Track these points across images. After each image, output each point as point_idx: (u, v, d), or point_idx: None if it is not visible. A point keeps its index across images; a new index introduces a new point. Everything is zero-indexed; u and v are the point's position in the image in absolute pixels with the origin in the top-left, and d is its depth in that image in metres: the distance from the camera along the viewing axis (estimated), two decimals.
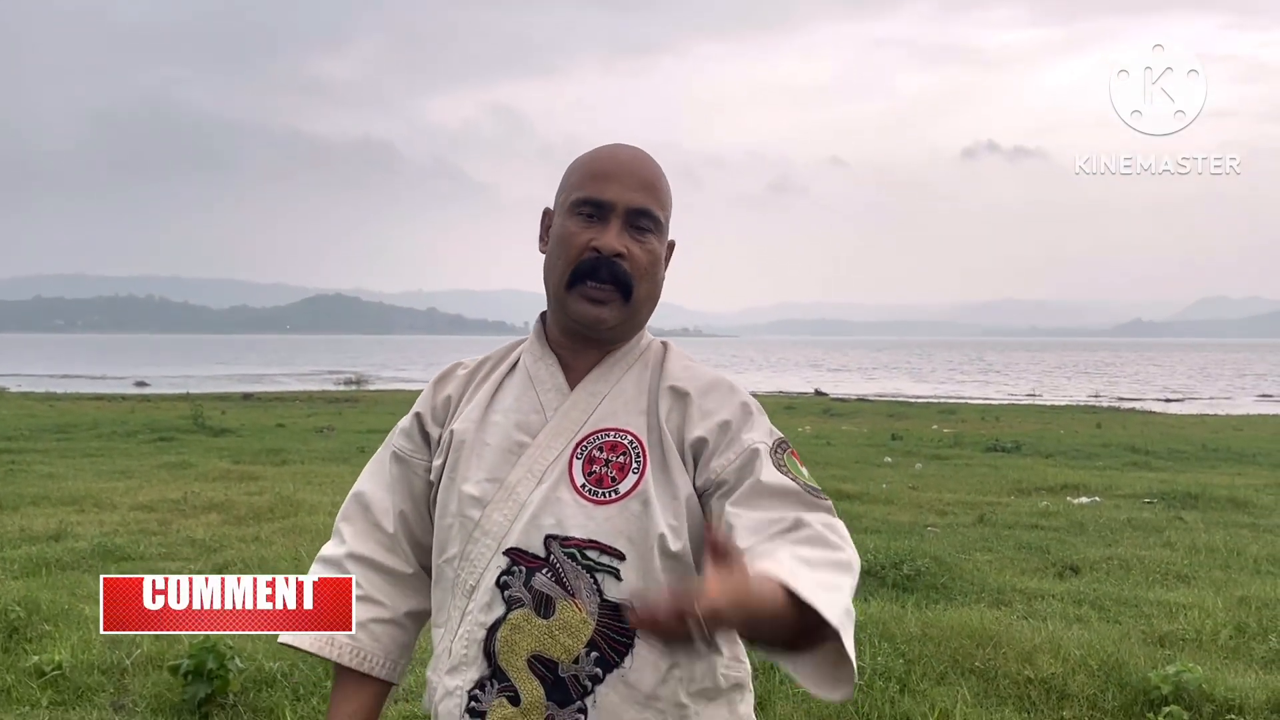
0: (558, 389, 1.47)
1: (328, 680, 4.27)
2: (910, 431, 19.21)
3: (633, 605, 1.23)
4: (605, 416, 1.44)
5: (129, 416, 20.90)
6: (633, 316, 1.46)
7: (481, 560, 1.40)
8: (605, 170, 1.43)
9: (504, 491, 1.41)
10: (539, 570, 1.38)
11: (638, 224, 1.42)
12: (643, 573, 1.36)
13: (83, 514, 8.37)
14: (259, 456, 13.15)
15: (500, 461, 1.43)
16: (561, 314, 1.47)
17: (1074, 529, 8.21)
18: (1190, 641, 4.97)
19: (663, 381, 1.47)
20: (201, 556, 6.72)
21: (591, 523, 1.38)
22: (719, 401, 1.43)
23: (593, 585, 1.37)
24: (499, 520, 1.40)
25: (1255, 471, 12.97)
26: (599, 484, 1.40)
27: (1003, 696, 4.18)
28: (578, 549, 1.37)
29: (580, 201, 1.42)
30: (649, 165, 1.46)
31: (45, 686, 4.21)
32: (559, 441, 1.43)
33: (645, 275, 1.43)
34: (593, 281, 1.41)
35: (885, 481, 11.19)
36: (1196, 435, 19.20)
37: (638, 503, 1.38)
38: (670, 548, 1.37)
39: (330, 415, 23.01)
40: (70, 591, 5.67)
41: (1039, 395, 42.35)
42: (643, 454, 1.41)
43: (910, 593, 5.84)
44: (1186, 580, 6.43)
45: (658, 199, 1.44)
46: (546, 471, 1.41)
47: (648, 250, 1.43)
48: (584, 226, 1.41)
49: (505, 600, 1.38)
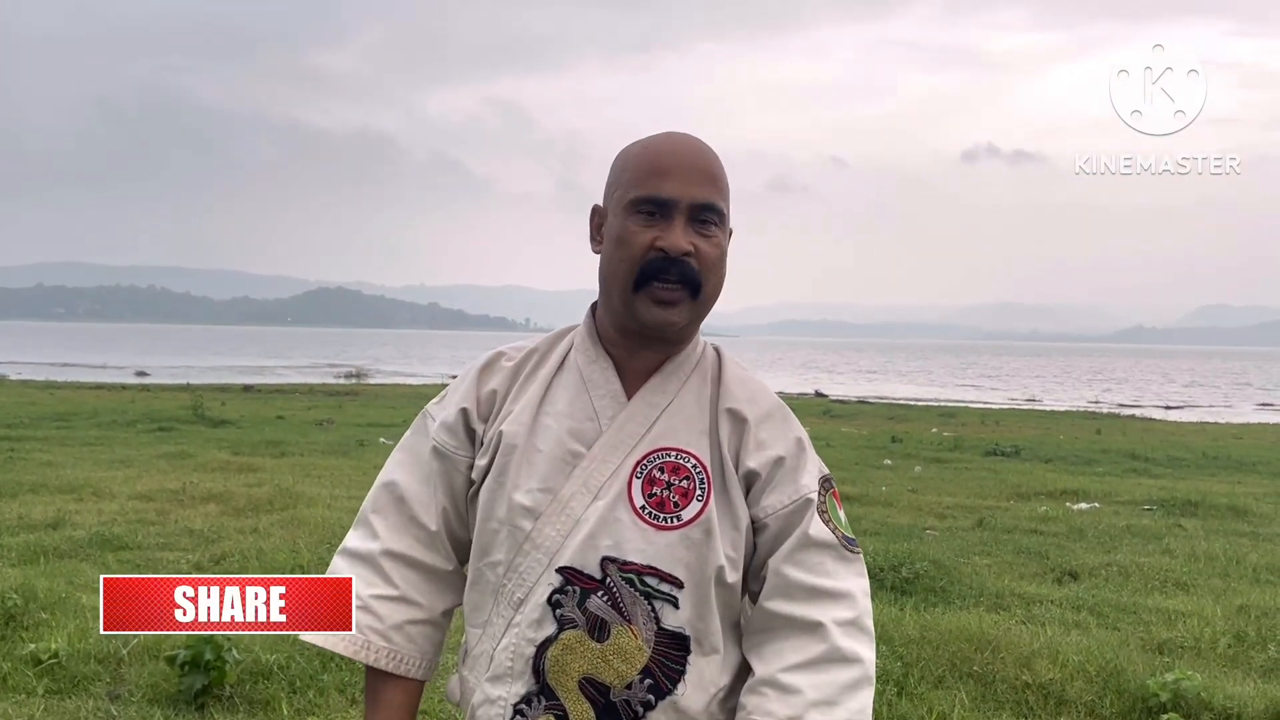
0: (613, 396, 1.41)
1: (324, 673, 4.27)
2: (910, 434, 19.21)
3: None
4: (665, 433, 1.40)
5: (129, 406, 20.89)
6: (700, 313, 1.40)
7: (531, 574, 1.36)
8: (664, 165, 1.36)
9: (557, 504, 1.37)
10: (594, 593, 1.34)
11: (702, 218, 1.36)
12: (697, 601, 1.36)
13: (81, 503, 8.37)
14: (258, 448, 13.14)
15: (553, 471, 1.38)
16: (625, 316, 1.40)
17: (1073, 535, 8.20)
18: (1189, 649, 4.96)
19: (722, 401, 1.43)
20: (200, 547, 6.71)
21: (651, 548, 1.34)
22: (774, 433, 1.41)
23: (650, 612, 1.34)
24: (552, 535, 1.36)
25: (1255, 480, 12.96)
26: (660, 508, 1.36)
27: (1001, 701, 4.18)
28: (636, 574, 1.34)
29: (640, 200, 1.35)
30: (708, 155, 1.39)
31: (41, 675, 4.20)
32: (616, 455, 1.38)
33: (713, 271, 1.38)
34: (660, 283, 1.35)
35: (885, 484, 11.18)
36: (1196, 443, 19.20)
37: (700, 531, 1.36)
38: (727, 579, 1.37)
39: (330, 408, 23.00)
40: (68, 580, 5.66)
41: (1039, 400, 42.34)
42: (707, 480, 1.38)
43: (909, 595, 5.83)
44: (1185, 588, 6.42)
45: (720, 191, 1.38)
46: (603, 488, 1.37)
47: (714, 244, 1.37)
48: (645, 225, 1.35)
49: (557, 619, 1.35)
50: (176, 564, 6.19)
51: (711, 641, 1.36)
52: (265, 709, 3.98)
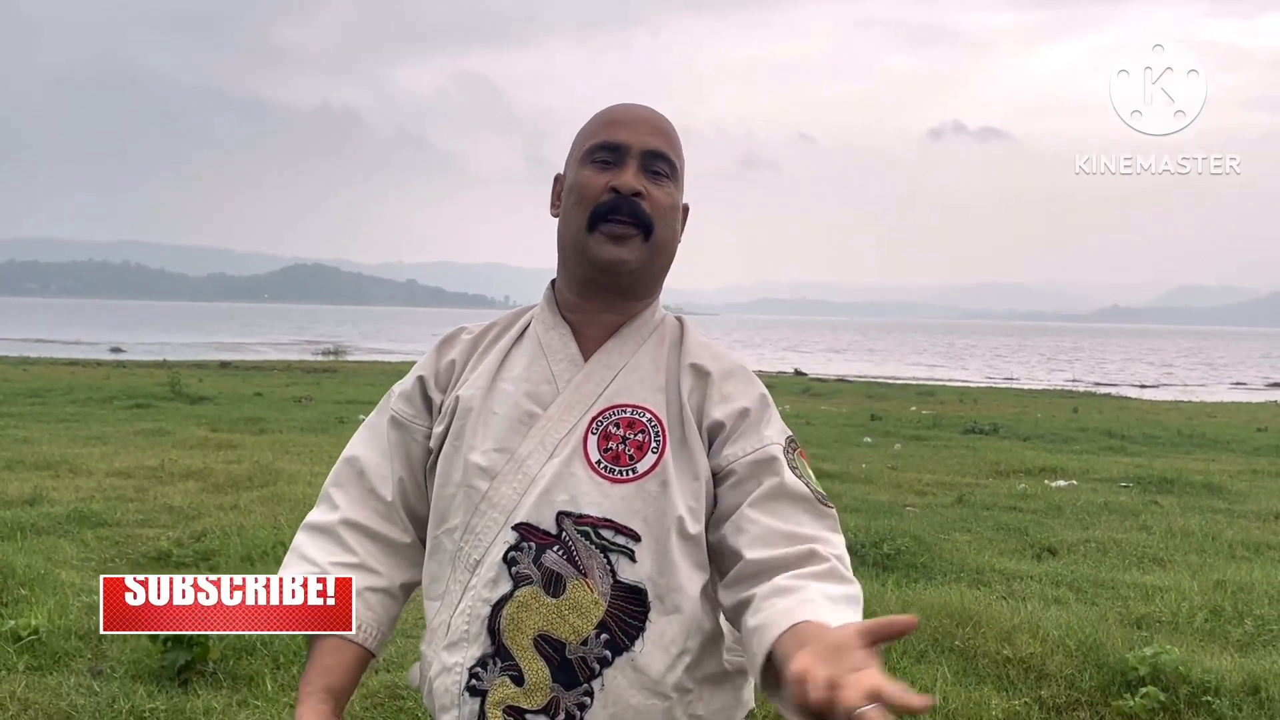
0: (570, 359, 1.43)
1: (308, 649, 4.25)
2: (889, 412, 19.30)
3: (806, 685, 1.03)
4: (621, 391, 1.40)
5: (104, 382, 20.69)
6: (653, 260, 1.42)
7: (488, 534, 1.35)
8: (618, 118, 1.43)
9: (513, 464, 1.37)
10: (549, 547, 1.33)
11: (654, 167, 1.40)
12: (658, 555, 1.33)
13: (58, 479, 8.29)
14: (237, 425, 13.05)
15: (509, 431, 1.39)
16: (579, 264, 1.42)
17: (1051, 511, 8.28)
18: (1166, 624, 5.03)
19: (684, 358, 1.44)
20: (179, 524, 6.67)
21: (607, 501, 1.34)
22: (738, 388, 1.42)
23: (606, 565, 1.33)
24: (507, 493, 1.36)
25: (1229, 457, 13.11)
26: (616, 461, 1.36)
27: (982, 675, 4.22)
28: (592, 528, 1.33)
29: (595, 148, 1.41)
30: (661, 117, 1.46)
31: (22, 651, 4.17)
32: (572, 414, 1.39)
33: (664, 217, 1.41)
34: (613, 219, 1.38)
35: (865, 461, 11.24)
36: (1171, 421, 19.40)
37: (656, 483, 1.35)
38: (689, 530, 1.35)
39: (309, 385, 22.86)
40: (46, 557, 5.61)
41: (1016, 379, 42.65)
42: (662, 433, 1.38)
43: (890, 571, 5.87)
44: (1163, 564, 6.50)
45: (671, 146, 1.43)
46: (559, 445, 1.37)
47: (666, 193, 1.41)
48: (600, 171, 1.40)
49: (512, 577, 1.33)
50: (156, 540, 6.15)
51: (674, 600, 1.33)
52: (249, 684, 3.97)
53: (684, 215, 1.49)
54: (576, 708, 1.31)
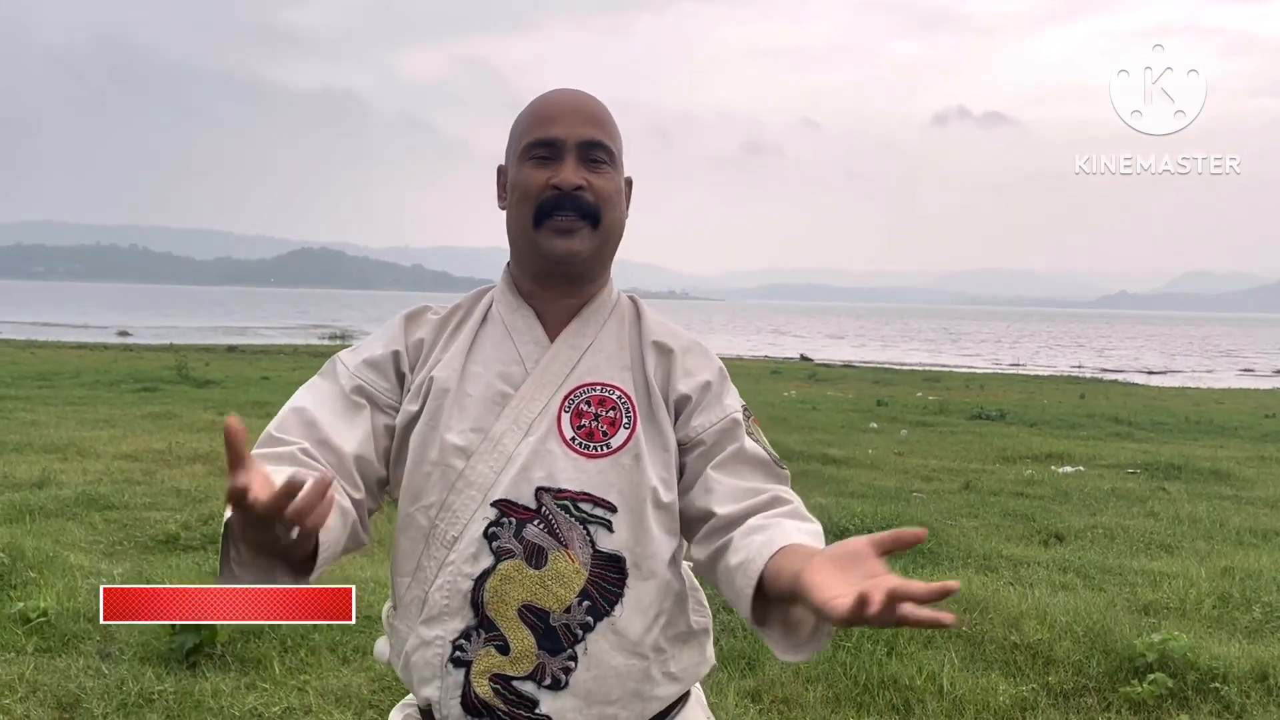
0: (536, 341, 1.48)
1: (315, 632, 4.26)
2: (895, 398, 19.28)
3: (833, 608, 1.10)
4: (589, 370, 1.46)
5: (111, 366, 20.74)
6: (603, 246, 1.47)
7: (465, 511, 1.39)
8: (549, 112, 1.45)
9: (489, 443, 1.41)
10: (530, 522, 1.38)
11: (591, 157, 1.44)
12: (634, 524, 1.40)
13: (66, 462, 8.31)
14: (244, 409, 13.06)
15: (484, 412, 1.43)
16: (532, 258, 1.47)
17: (1059, 497, 8.27)
18: (1174, 610, 5.01)
19: (645, 336, 1.51)
20: (187, 507, 6.68)
21: (583, 475, 1.40)
22: (698, 362, 1.50)
23: (585, 536, 1.39)
24: (484, 471, 1.40)
25: (1236, 444, 13.07)
26: (589, 438, 1.42)
27: (990, 661, 4.21)
28: (571, 501, 1.39)
29: (531, 145, 1.44)
30: (592, 102, 1.48)
31: (31, 633, 4.18)
32: (543, 393, 1.44)
33: (609, 203, 1.45)
34: (558, 214, 1.42)
35: (871, 447, 11.22)
36: (1178, 407, 19.35)
37: (629, 457, 1.42)
38: (662, 499, 1.42)
39: (315, 369, 22.82)
40: (55, 539, 5.63)
41: (1022, 365, 42.57)
42: (633, 409, 1.45)
43: (897, 557, 5.86)
44: (1170, 550, 6.48)
45: (607, 131, 1.46)
46: (533, 424, 1.42)
47: (607, 179, 1.45)
48: (539, 168, 1.43)
49: (493, 551, 1.38)
50: (164, 523, 6.16)
51: (650, 565, 1.41)
52: (257, 667, 3.97)
53: (628, 189, 1.52)
54: (562, 671, 1.37)
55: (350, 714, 3.60)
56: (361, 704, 3.67)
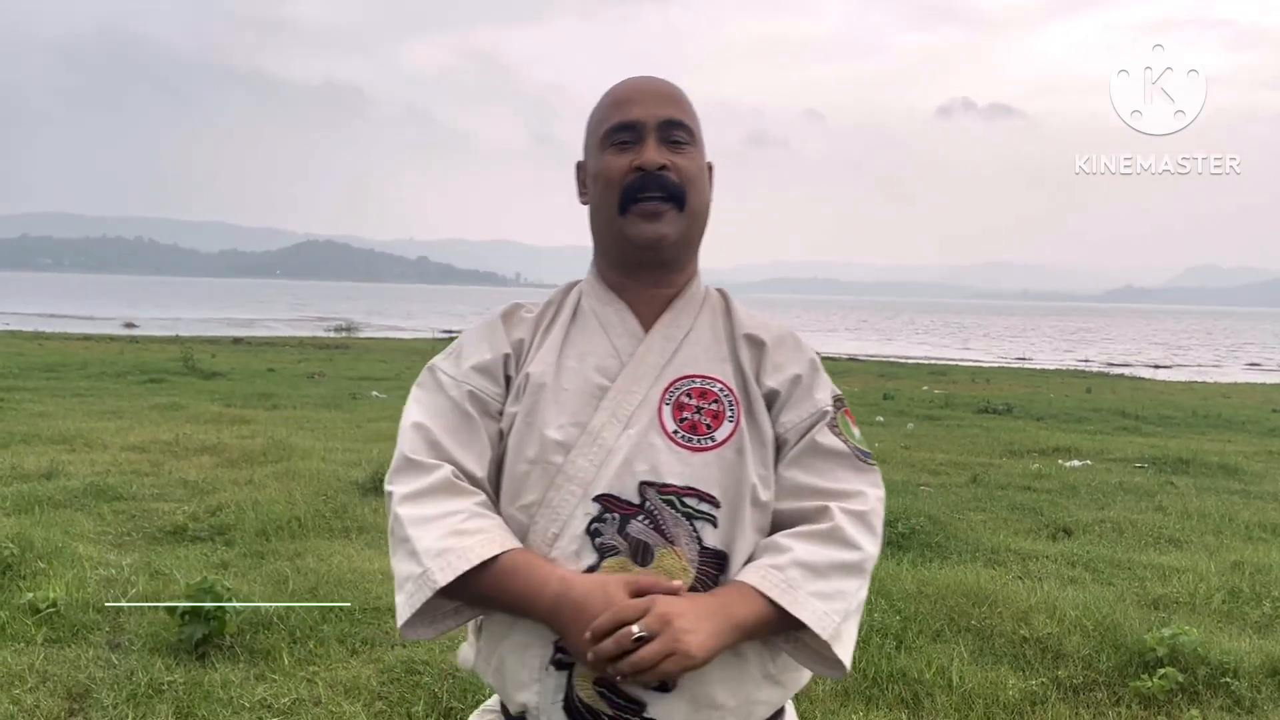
0: (630, 333, 1.45)
1: (324, 624, 4.27)
2: (901, 391, 19.24)
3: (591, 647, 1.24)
4: (687, 362, 1.43)
5: (118, 357, 20.78)
6: (690, 229, 1.44)
7: (566, 507, 1.35)
8: (627, 96, 1.43)
9: (587, 436, 1.37)
10: (634, 517, 1.34)
11: (672, 137, 1.41)
12: (733, 521, 1.37)
13: (74, 453, 8.32)
14: (250, 400, 13.09)
15: (581, 405, 1.39)
16: (619, 246, 1.44)
17: (1066, 491, 8.24)
18: (1184, 605, 5.00)
19: (737, 329, 1.48)
20: (194, 498, 6.69)
21: (688, 469, 1.36)
22: (789, 355, 1.48)
23: (691, 532, 1.35)
24: (584, 466, 1.36)
25: (1244, 438, 13.04)
26: (693, 430, 1.38)
27: (999, 655, 4.20)
28: (676, 496, 1.35)
29: (610, 131, 1.42)
30: (668, 84, 1.46)
31: (40, 624, 4.18)
32: (640, 385, 1.41)
33: (694, 183, 1.42)
34: (644, 197, 1.39)
35: (878, 440, 11.20)
36: (1186, 402, 19.29)
37: (732, 451, 1.38)
38: (760, 497, 1.39)
39: (321, 361, 22.93)
40: (64, 530, 5.64)
41: (1029, 359, 42.47)
42: (735, 402, 1.42)
43: (906, 550, 5.85)
44: (1179, 544, 6.46)
45: (686, 112, 1.44)
46: (633, 417, 1.38)
47: (690, 159, 1.42)
48: (620, 153, 1.41)
49: (596, 548, 1.34)
50: (172, 515, 6.17)
51: (743, 560, 1.37)
52: (266, 659, 3.97)
53: (710, 174, 1.50)
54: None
55: (359, 705, 3.60)
56: (371, 695, 3.67)
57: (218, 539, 5.77)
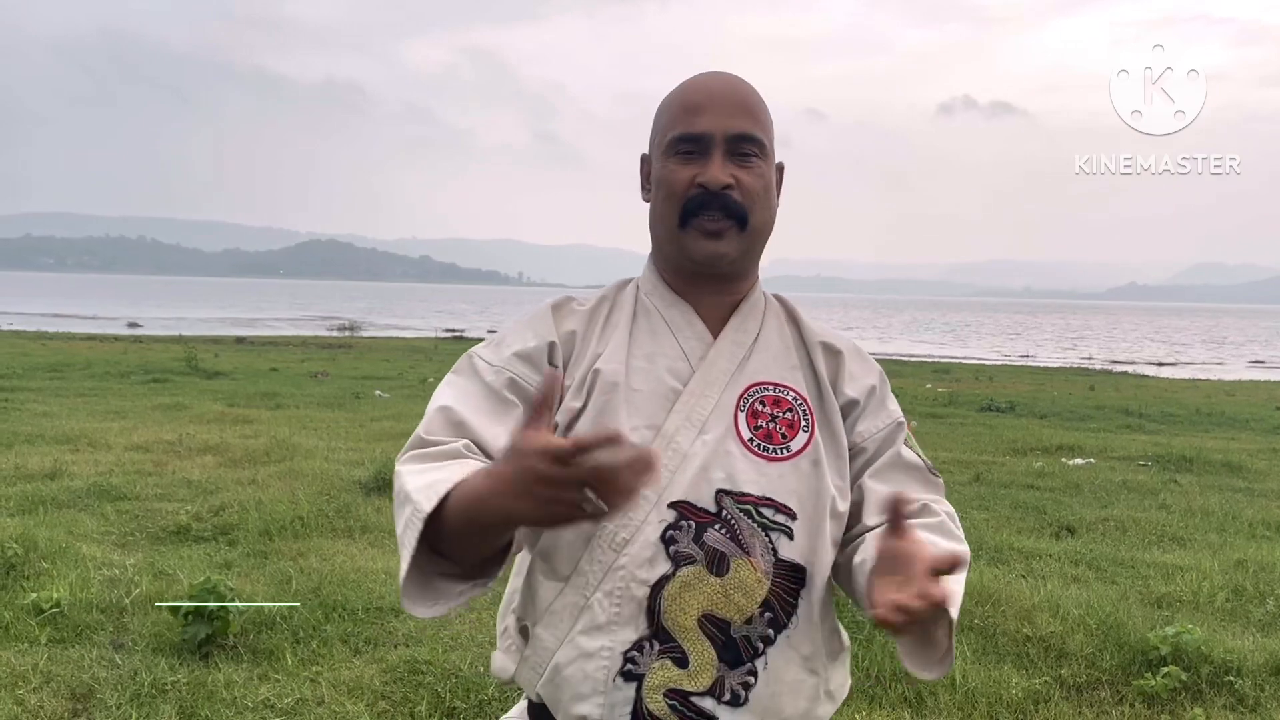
0: (698, 336, 1.41)
1: (327, 623, 4.27)
2: (904, 389, 19.22)
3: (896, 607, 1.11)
4: (759, 369, 1.40)
5: (122, 357, 20.79)
6: (752, 247, 1.40)
7: (639, 512, 1.30)
8: (696, 102, 1.37)
9: (662, 440, 1.33)
10: (710, 526, 1.31)
11: (740, 150, 1.35)
12: (811, 533, 1.34)
13: (77, 453, 8.34)
14: (253, 400, 13.10)
15: (655, 408, 1.35)
16: (678, 258, 1.40)
17: (1070, 490, 8.23)
18: (1187, 603, 4.99)
19: (810, 336, 1.47)
20: (198, 498, 6.70)
21: (764, 479, 1.33)
22: (864, 366, 1.48)
23: (767, 544, 1.32)
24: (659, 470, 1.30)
25: (1248, 436, 13.01)
26: (768, 439, 1.35)
27: (1002, 654, 4.20)
28: (753, 506, 1.32)
29: (676, 140, 1.36)
30: (742, 88, 1.39)
31: (44, 624, 4.20)
32: (713, 390, 1.37)
33: (759, 202, 1.37)
34: (705, 215, 1.35)
35: None
36: (1189, 399, 19.26)
37: (808, 462, 1.36)
38: (838, 508, 1.37)
39: (324, 361, 22.93)
40: (67, 530, 5.65)
41: (1032, 356, 42.43)
42: (810, 412, 1.40)
43: None
44: (1183, 543, 6.45)
45: (758, 121, 1.38)
46: (707, 422, 1.35)
47: (757, 175, 1.37)
48: (684, 164, 1.35)
49: (671, 556, 1.29)
50: (175, 514, 6.18)
51: (820, 576, 1.35)
52: (269, 658, 3.98)
53: (779, 176, 1.45)
54: (741, 686, 1.30)
55: (362, 705, 3.60)
56: (374, 695, 3.67)
57: (221, 539, 5.77)
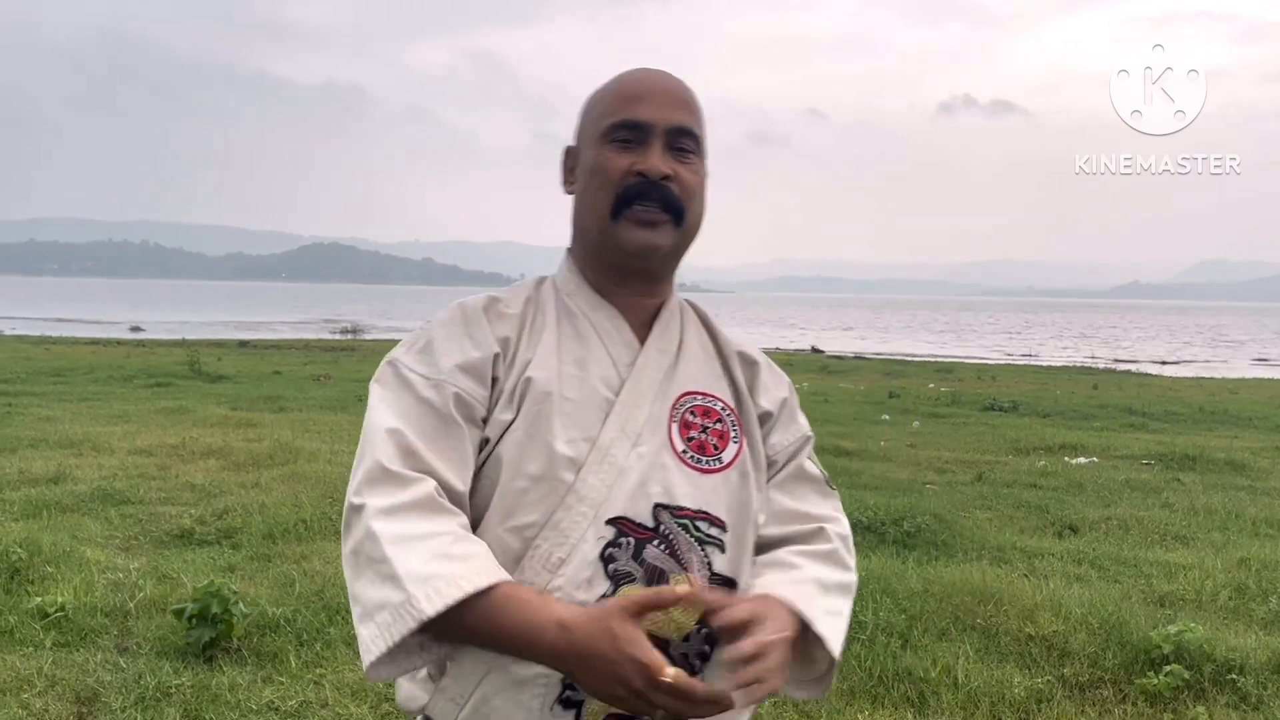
0: (626, 343, 1.35)
1: (331, 626, 4.28)
2: (907, 389, 19.22)
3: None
4: (687, 378, 1.36)
5: (125, 361, 20.84)
6: (682, 244, 1.37)
7: (575, 530, 1.24)
8: (638, 91, 1.33)
9: (597, 453, 1.27)
10: (649, 542, 1.26)
11: (680, 144, 1.32)
12: (738, 545, 1.33)
13: (81, 457, 8.35)
14: (256, 403, 13.12)
15: (590, 419, 1.29)
16: (606, 250, 1.34)
17: (1072, 489, 8.24)
18: (1190, 602, 4.99)
19: (726, 346, 1.44)
20: (201, 502, 6.71)
21: (699, 492, 1.30)
22: (776, 378, 1.47)
23: (703, 558, 1.29)
24: (596, 485, 1.26)
25: (1251, 435, 13.00)
26: (701, 451, 1.32)
27: (1004, 653, 4.20)
28: (690, 520, 1.29)
29: (615, 126, 1.31)
30: (681, 85, 1.37)
31: (49, 628, 4.21)
32: (645, 400, 1.32)
33: (695, 199, 1.34)
34: (640, 204, 1.30)
35: (883, 439, 11.20)
36: (1193, 398, 19.23)
37: (738, 473, 1.34)
38: (760, 520, 1.37)
39: (327, 364, 22.95)
40: (71, 534, 5.66)
41: (1035, 356, 42.39)
42: (738, 422, 1.37)
43: (911, 549, 5.85)
44: (1185, 541, 6.45)
45: (696, 119, 1.35)
46: (642, 433, 1.30)
47: (693, 171, 1.34)
48: (622, 152, 1.31)
49: (610, 575, 1.24)
50: (179, 518, 6.19)
51: (745, 586, 1.33)
52: (273, 661, 3.99)
53: (706, 176, 1.42)
54: None
55: (366, 708, 3.61)
56: (377, 698, 3.68)
57: (225, 542, 5.79)
